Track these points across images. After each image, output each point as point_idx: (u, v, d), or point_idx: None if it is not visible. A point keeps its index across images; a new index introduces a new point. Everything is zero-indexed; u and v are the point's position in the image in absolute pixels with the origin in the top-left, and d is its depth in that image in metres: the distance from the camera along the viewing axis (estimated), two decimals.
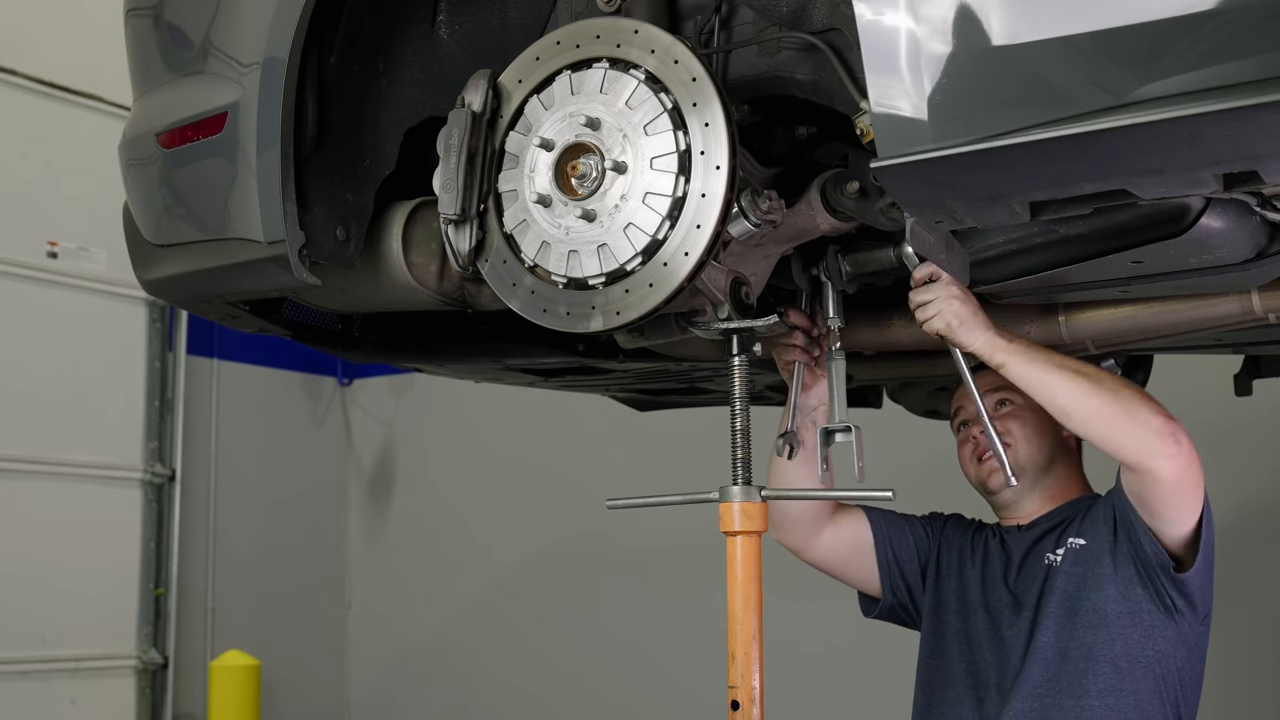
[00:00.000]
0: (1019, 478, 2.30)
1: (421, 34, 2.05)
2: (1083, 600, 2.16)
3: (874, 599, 2.48)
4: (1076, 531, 2.23)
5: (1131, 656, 2.11)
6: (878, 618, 2.51)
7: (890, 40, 1.42)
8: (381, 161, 2.01)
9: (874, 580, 2.44)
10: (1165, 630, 2.12)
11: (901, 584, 2.42)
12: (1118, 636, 2.12)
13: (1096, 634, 2.14)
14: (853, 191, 1.89)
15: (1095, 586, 2.16)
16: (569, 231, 1.74)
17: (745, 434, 1.89)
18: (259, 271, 1.93)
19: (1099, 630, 2.14)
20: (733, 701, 1.78)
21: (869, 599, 2.50)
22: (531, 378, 2.83)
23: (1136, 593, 2.13)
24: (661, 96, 1.69)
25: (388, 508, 6.83)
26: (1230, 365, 2.72)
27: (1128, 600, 2.13)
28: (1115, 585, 2.14)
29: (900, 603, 2.44)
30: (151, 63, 2.14)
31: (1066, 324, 2.14)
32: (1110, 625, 2.13)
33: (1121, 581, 2.14)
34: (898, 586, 2.42)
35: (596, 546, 5.78)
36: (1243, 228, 1.70)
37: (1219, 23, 1.25)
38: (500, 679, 6.16)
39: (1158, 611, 2.12)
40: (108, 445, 5.74)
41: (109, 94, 5.66)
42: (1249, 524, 4.15)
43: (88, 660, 5.52)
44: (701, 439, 3.61)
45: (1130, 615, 2.13)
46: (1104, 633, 2.13)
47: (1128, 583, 2.14)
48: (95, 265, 5.69)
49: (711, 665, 2.67)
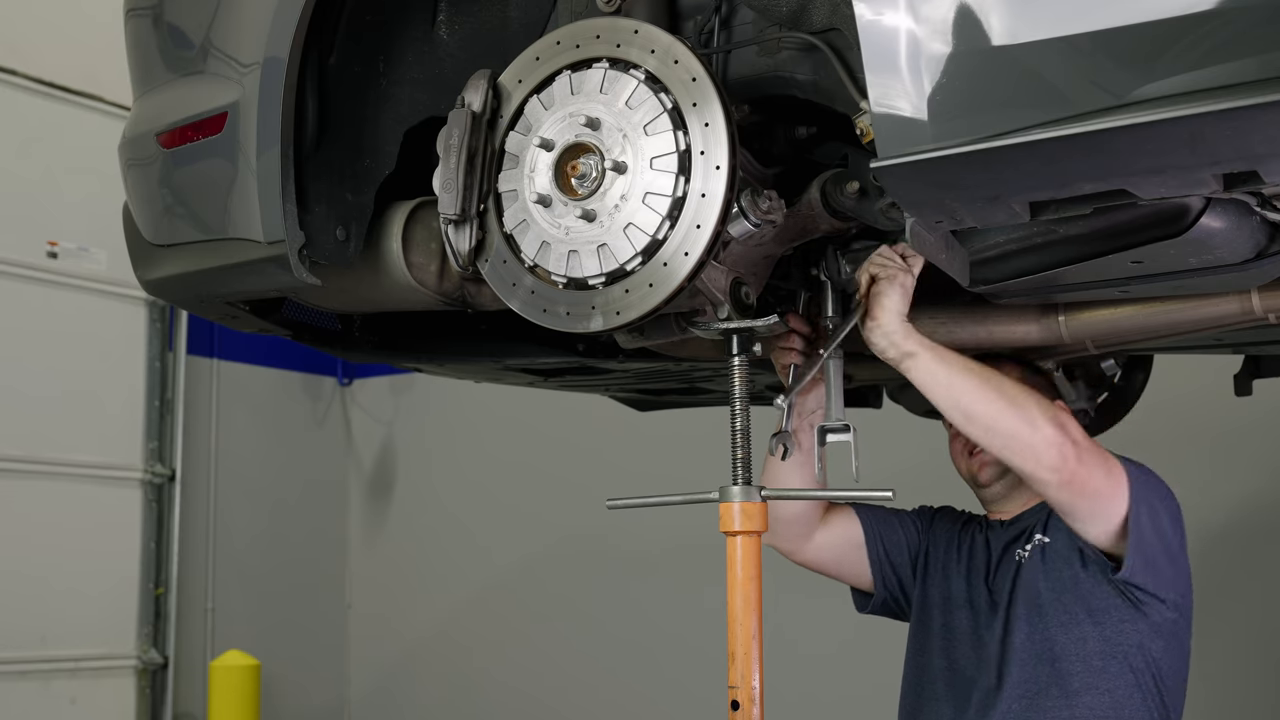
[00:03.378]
0: (1003, 475, 2.33)
1: (421, 34, 2.05)
2: (1051, 599, 2.17)
3: (867, 594, 2.49)
4: (1043, 529, 2.24)
5: (1105, 653, 2.11)
6: (871, 612, 2.52)
7: (890, 40, 1.42)
8: (381, 161, 2.01)
9: (866, 576, 2.44)
10: (1136, 623, 2.11)
11: (893, 578, 2.43)
12: (1089, 634, 2.12)
13: (1068, 633, 2.14)
14: (853, 191, 1.89)
15: (1062, 585, 2.17)
16: (569, 231, 1.74)
17: (745, 434, 1.89)
18: (259, 271, 1.93)
19: (1070, 629, 2.14)
20: (733, 701, 1.78)
21: (862, 594, 2.51)
22: (531, 378, 2.83)
23: (1104, 589, 2.13)
24: (661, 96, 1.69)
25: (388, 508, 6.83)
26: (1230, 365, 2.72)
27: (1096, 596, 2.13)
28: (1084, 583, 2.15)
29: (893, 596, 2.45)
30: (151, 63, 2.14)
31: (1066, 324, 2.14)
32: (1080, 623, 2.13)
33: (1088, 578, 2.14)
34: (890, 581, 2.43)
35: (596, 546, 5.78)
36: (1243, 228, 1.70)
37: (1219, 23, 1.25)
38: (500, 679, 6.16)
39: (1125, 605, 2.12)
40: (108, 445, 5.74)
41: (109, 94, 5.66)
42: (1249, 524, 4.15)
43: (88, 660, 5.52)
44: (701, 439, 3.61)
45: (1100, 611, 2.13)
46: (1075, 631, 2.13)
47: (1093, 579, 2.14)
48: (95, 265, 5.69)
49: (711, 665, 2.67)
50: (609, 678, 5.79)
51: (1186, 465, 3.67)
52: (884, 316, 1.96)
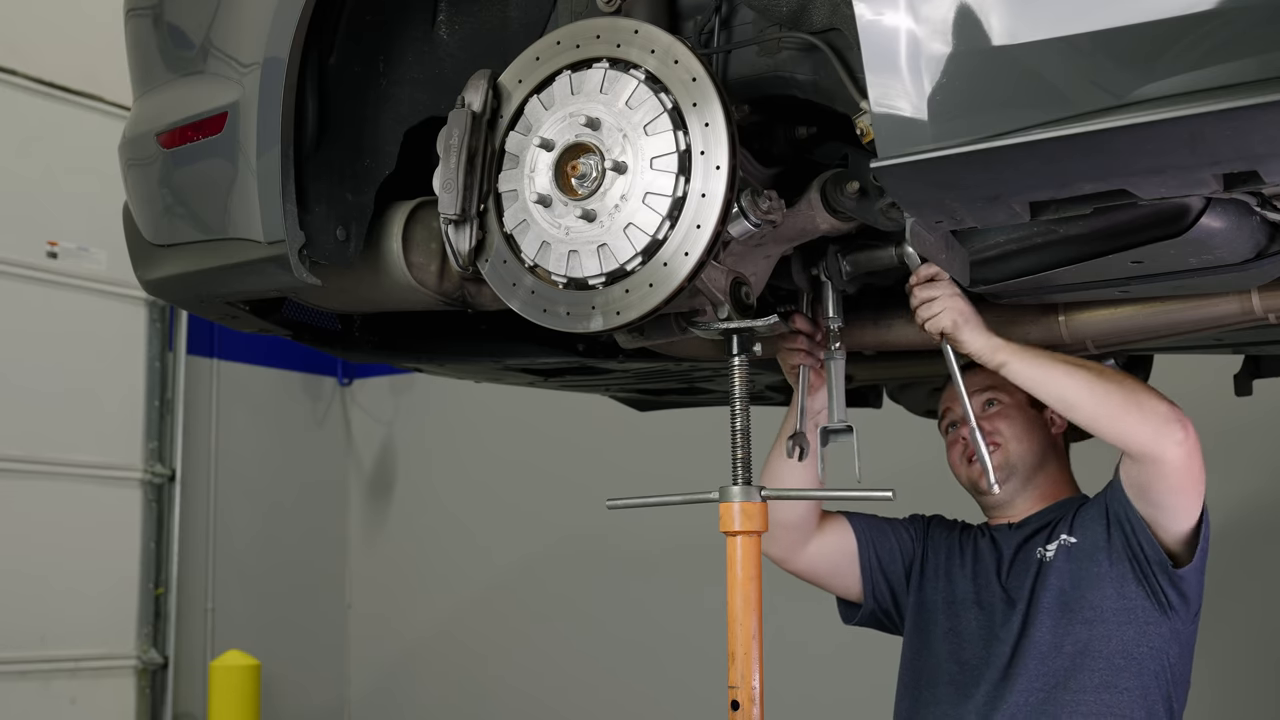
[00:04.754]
0: (1010, 477, 2.32)
1: (421, 34, 2.05)
2: (1077, 596, 2.17)
3: (854, 605, 2.47)
4: (1068, 529, 2.23)
5: (1126, 653, 2.12)
6: (858, 624, 2.50)
7: (890, 40, 1.42)
8: (381, 161, 2.01)
9: (856, 587, 2.43)
10: (1159, 627, 2.13)
11: (885, 588, 2.41)
12: (1113, 633, 2.13)
13: (1092, 630, 2.14)
14: (853, 191, 1.89)
15: (1090, 584, 2.17)
16: (569, 231, 1.74)
17: (745, 434, 1.89)
18: (259, 271, 1.93)
19: (1095, 626, 2.14)
20: (733, 701, 1.78)
21: (849, 605, 2.49)
22: (531, 378, 2.83)
23: (1131, 590, 2.14)
24: (661, 96, 1.69)
25: (388, 508, 6.83)
26: (1230, 365, 2.72)
27: (1123, 597, 2.14)
28: (1110, 583, 2.15)
29: (882, 608, 2.44)
30: (151, 63, 2.14)
31: (1066, 324, 2.14)
32: (1106, 621, 2.14)
33: (1117, 579, 2.15)
34: (880, 591, 2.42)
35: (596, 546, 5.77)
36: (1243, 228, 1.70)
37: (1219, 23, 1.25)
38: (500, 679, 6.16)
39: (1153, 609, 2.13)
40: (108, 445, 5.74)
41: (109, 94, 5.66)
42: (1249, 524, 4.15)
43: (88, 660, 5.52)
44: (701, 439, 3.61)
45: (1126, 612, 2.13)
46: (1099, 629, 2.14)
47: (1123, 580, 2.15)
48: (95, 265, 5.69)
49: (711, 665, 2.67)
50: (609, 678, 5.79)
51: None
52: (970, 346, 2.01)
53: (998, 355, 2.01)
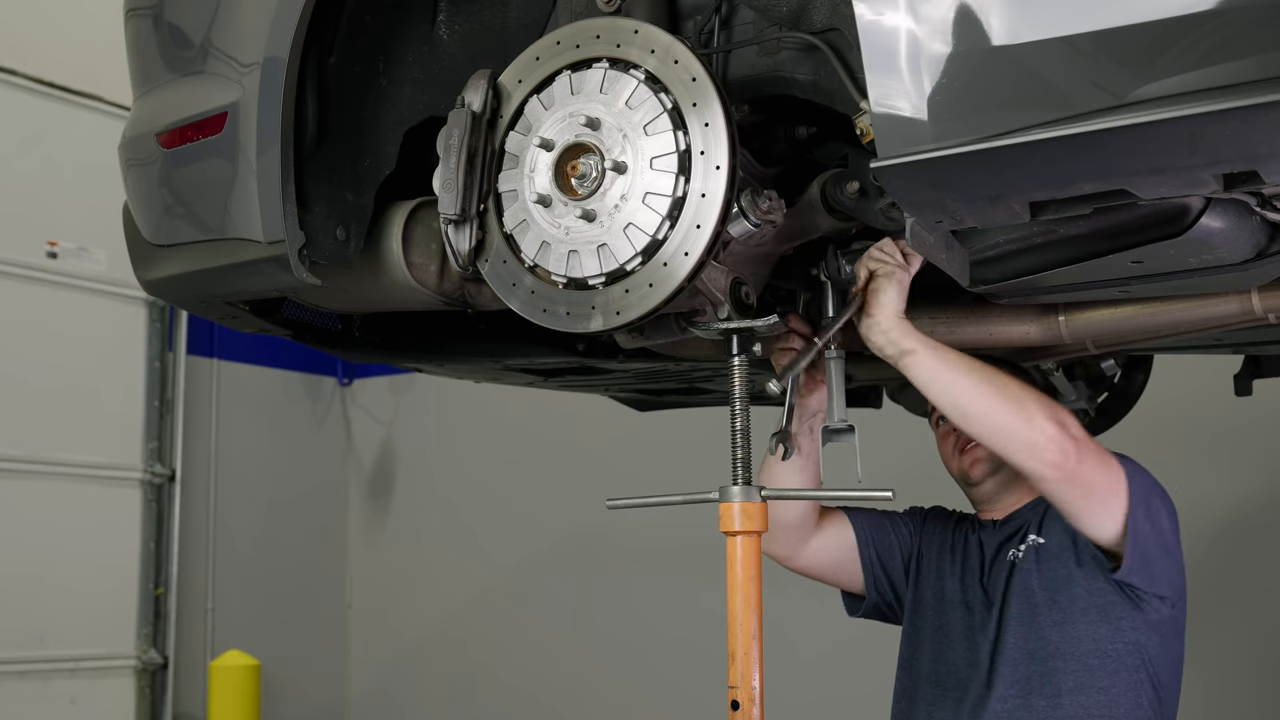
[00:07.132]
0: (996, 471, 2.31)
1: (421, 34, 2.05)
2: (1047, 599, 2.16)
3: (858, 598, 2.49)
4: (1037, 530, 2.24)
5: (1100, 652, 2.11)
6: (863, 616, 2.52)
7: (890, 40, 1.42)
8: (381, 161, 2.01)
9: (858, 580, 2.44)
10: (1133, 620, 2.11)
11: (885, 581, 2.43)
12: (1084, 632, 2.12)
13: (1063, 631, 2.14)
14: (853, 191, 1.89)
15: (1060, 584, 2.16)
16: (569, 231, 1.74)
17: (745, 434, 1.88)
18: (259, 271, 1.93)
19: (1065, 628, 2.14)
20: (733, 701, 1.78)
21: (853, 598, 2.51)
22: (531, 378, 2.82)
23: (1100, 586, 2.13)
24: (661, 96, 1.69)
25: (388, 508, 6.83)
26: (1230, 365, 2.72)
27: (1093, 595, 2.13)
28: (1080, 581, 2.15)
29: (885, 600, 2.45)
30: (151, 63, 2.14)
31: (1066, 324, 2.14)
32: (1076, 622, 2.13)
33: (1085, 577, 2.14)
34: (881, 584, 2.43)
35: (596, 547, 5.78)
36: (1243, 228, 1.70)
37: (1219, 23, 1.25)
38: (500, 679, 6.16)
39: (1124, 603, 2.11)
40: (107, 445, 5.74)
41: (109, 94, 5.66)
42: (1249, 524, 4.15)
43: (87, 660, 5.52)
44: (701, 439, 3.61)
45: (1097, 610, 2.12)
46: (1070, 630, 2.13)
47: (1091, 577, 2.14)
48: (95, 265, 5.70)
49: (711, 665, 2.67)
50: (609, 678, 5.79)
51: (1186, 465, 3.67)
52: (881, 314, 1.95)
53: (905, 341, 1.95)
